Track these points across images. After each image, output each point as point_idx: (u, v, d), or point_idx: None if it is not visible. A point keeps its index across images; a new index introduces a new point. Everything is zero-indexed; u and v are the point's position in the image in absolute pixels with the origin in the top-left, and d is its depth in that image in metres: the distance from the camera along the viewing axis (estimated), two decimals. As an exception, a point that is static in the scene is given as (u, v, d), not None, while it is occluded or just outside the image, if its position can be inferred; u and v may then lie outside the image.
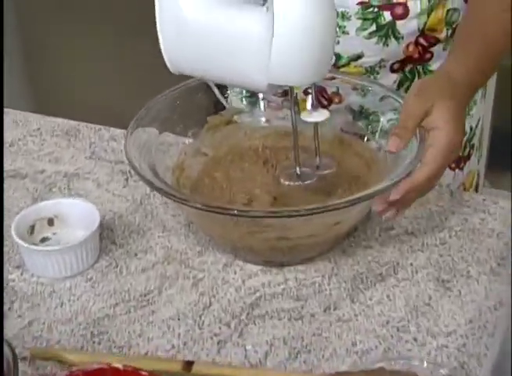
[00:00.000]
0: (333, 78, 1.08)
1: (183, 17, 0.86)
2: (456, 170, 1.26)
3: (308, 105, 0.98)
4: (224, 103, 1.06)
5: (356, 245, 0.99)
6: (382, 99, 1.15)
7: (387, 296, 0.91)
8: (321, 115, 0.90)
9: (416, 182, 0.87)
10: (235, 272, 0.95)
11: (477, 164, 1.33)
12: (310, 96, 0.91)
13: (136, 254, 0.99)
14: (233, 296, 0.92)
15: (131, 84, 2.13)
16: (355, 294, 0.92)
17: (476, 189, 1.35)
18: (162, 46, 0.89)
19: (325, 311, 0.89)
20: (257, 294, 0.92)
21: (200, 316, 0.89)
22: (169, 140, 1.04)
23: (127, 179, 1.12)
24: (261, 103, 1.17)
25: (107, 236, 1.02)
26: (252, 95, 1.16)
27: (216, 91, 1.03)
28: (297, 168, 0.91)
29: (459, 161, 1.25)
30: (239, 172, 1.02)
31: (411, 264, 0.96)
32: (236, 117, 1.09)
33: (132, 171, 1.02)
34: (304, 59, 0.82)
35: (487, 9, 1.03)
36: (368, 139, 1.05)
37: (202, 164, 1.04)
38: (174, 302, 0.91)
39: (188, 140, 1.06)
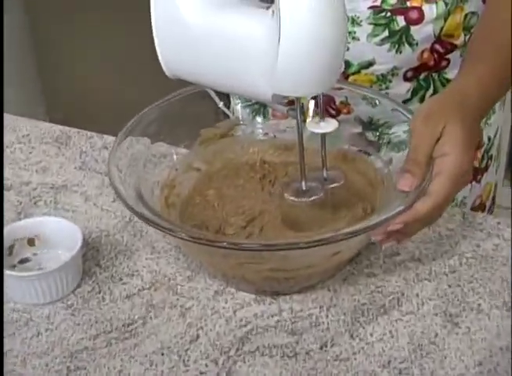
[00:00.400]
0: (341, 89, 1.00)
1: (181, 19, 0.79)
2: (473, 182, 1.18)
3: (311, 113, 0.91)
4: (228, 113, 0.98)
5: (358, 272, 0.91)
6: (394, 109, 1.08)
7: (390, 332, 0.84)
8: (329, 125, 0.83)
9: (419, 213, 0.79)
10: (226, 301, 0.88)
11: (494, 174, 1.25)
12: (316, 105, 0.84)
13: (121, 279, 0.92)
14: (223, 328, 0.85)
15: (134, 86, 2.06)
16: (354, 328, 0.84)
17: (493, 201, 1.27)
18: (158, 49, 0.82)
19: (321, 348, 0.82)
20: (249, 327, 0.85)
21: (186, 351, 0.83)
22: (162, 151, 0.97)
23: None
24: (259, 115, 1.11)
25: (92, 256, 0.95)
26: (254, 103, 1.09)
27: (217, 100, 0.95)
28: (303, 183, 0.84)
29: (476, 173, 1.18)
30: (233, 190, 0.95)
31: (417, 295, 0.88)
32: (235, 129, 1.02)
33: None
34: (312, 68, 0.74)
35: (499, 16, 0.95)
36: (374, 155, 0.97)
37: (194, 181, 0.97)
38: (159, 334, 0.85)
39: (181, 152, 0.98)
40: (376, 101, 0.96)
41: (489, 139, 1.18)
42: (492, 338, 0.82)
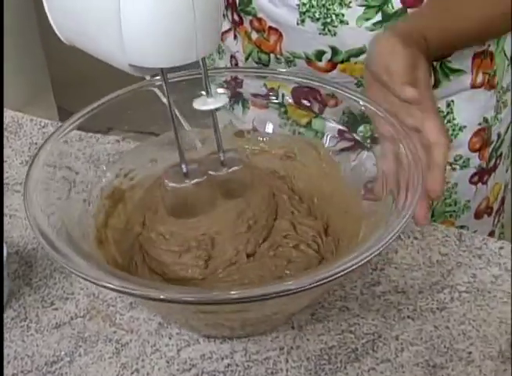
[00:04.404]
0: (323, 85, 0.85)
1: None
2: (479, 184, 1.04)
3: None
4: (172, 113, 0.83)
5: (330, 305, 0.77)
6: None
7: (359, 385, 0.70)
8: (218, 101, 0.69)
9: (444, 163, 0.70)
10: (170, 337, 0.75)
11: (504, 173, 1.10)
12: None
13: (53, 303, 0.79)
14: (162, 372, 0.72)
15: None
16: (318, 379, 0.71)
17: (502, 202, 1.12)
18: (45, 6, 0.66)
19: (275, 403, 0.69)
20: (193, 372, 0.72)
21: (115, 400, 0.70)
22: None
23: (69, 190, 0.91)
24: (238, 104, 0.97)
25: (23, 273, 0.82)
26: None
27: (162, 97, 0.80)
28: (184, 166, 0.70)
29: (482, 174, 1.04)
30: None
31: (396, 337, 0.74)
32: None
33: (77, 180, 0.80)
34: (157, 37, 0.60)
35: None
36: (366, 152, 0.81)
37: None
38: (86, 377, 0.72)
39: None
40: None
41: (499, 135, 1.04)
42: (481, 399, 0.69)
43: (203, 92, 0.69)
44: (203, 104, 0.68)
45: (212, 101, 0.68)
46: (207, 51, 0.64)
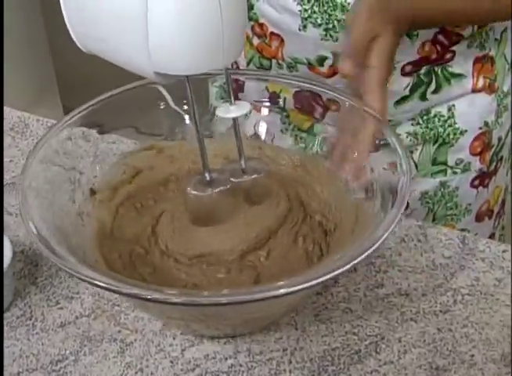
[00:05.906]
0: (324, 90, 0.85)
1: None
2: (480, 188, 1.05)
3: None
4: (181, 112, 0.83)
5: (333, 307, 0.78)
6: (398, 103, 0.95)
7: (362, 386, 0.70)
8: (240, 109, 0.70)
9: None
10: (174, 337, 0.75)
11: (505, 176, 1.11)
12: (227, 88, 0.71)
13: (58, 302, 0.79)
14: (166, 372, 0.72)
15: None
16: (320, 380, 0.71)
17: (503, 204, 1.13)
18: (65, 17, 0.67)
19: (278, 404, 0.69)
20: (197, 372, 0.72)
21: (119, 399, 0.70)
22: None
23: (73, 190, 0.91)
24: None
25: (29, 272, 0.82)
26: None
27: (168, 97, 0.81)
28: (207, 174, 0.71)
29: (483, 178, 1.04)
30: None
31: (399, 340, 0.75)
32: None
33: (82, 180, 0.82)
34: (184, 43, 0.61)
35: None
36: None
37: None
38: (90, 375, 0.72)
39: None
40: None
41: (500, 139, 1.04)
42: (483, 402, 0.69)
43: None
44: (226, 112, 0.69)
45: (235, 109, 0.69)
46: (232, 57, 0.64)
